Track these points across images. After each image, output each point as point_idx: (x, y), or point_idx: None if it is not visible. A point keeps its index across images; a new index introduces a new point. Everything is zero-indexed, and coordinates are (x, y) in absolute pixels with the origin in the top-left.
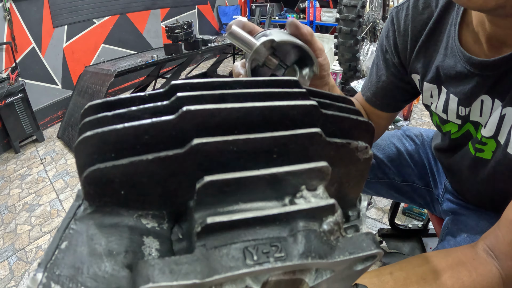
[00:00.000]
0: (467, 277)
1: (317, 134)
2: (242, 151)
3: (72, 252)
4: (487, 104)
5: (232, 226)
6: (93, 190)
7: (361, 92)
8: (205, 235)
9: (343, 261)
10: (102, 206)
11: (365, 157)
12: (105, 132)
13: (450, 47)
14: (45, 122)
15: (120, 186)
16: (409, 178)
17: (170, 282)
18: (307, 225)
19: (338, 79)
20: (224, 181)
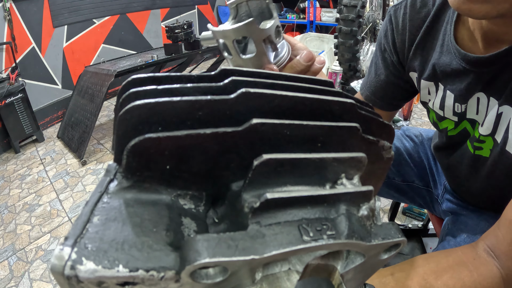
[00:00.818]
0: (468, 277)
1: (356, 128)
2: (293, 135)
3: (106, 227)
4: (483, 102)
5: (287, 204)
6: (137, 162)
7: (359, 91)
8: (260, 212)
9: (377, 245)
10: (141, 181)
11: (388, 157)
12: (159, 103)
13: (446, 44)
14: (45, 122)
15: (169, 159)
16: (409, 178)
17: (228, 257)
18: (349, 209)
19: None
20: (281, 160)
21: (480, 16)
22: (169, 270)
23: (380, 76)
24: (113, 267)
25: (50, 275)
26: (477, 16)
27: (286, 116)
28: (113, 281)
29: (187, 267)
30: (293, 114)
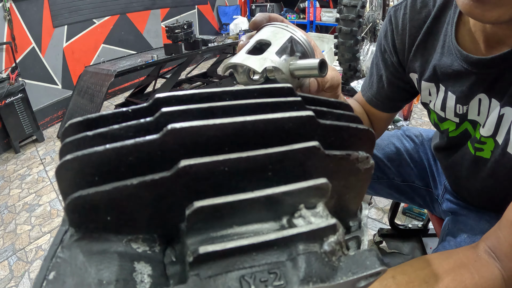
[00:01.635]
0: (469, 280)
1: (314, 148)
2: (234, 171)
3: (60, 284)
4: (484, 103)
5: (226, 255)
6: (78, 218)
7: (360, 92)
8: (198, 264)
9: (346, 282)
10: (90, 232)
11: (366, 167)
12: (86, 155)
13: (447, 45)
14: (45, 122)
15: (106, 212)
16: (409, 178)
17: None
18: (307, 247)
19: None
20: (215, 206)
21: (492, 21)
22: None
23: (381, 77)
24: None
25: None
26: (489, 21)
27: (228, 146)
28: None
29: None
30: (236, 142)
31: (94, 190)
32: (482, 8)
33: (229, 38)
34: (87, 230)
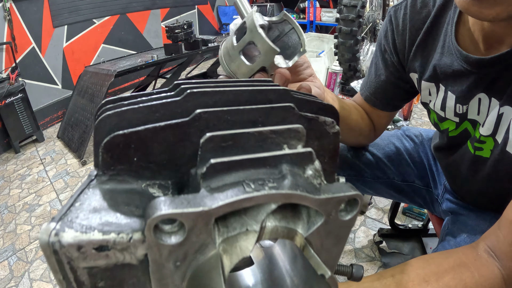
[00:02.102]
0: (469, 278)
1: (290, 106)
2: (234, 120)
3: (86, 207)
4: (484, 103)
5: (231, 167)
6: (110, 157)
7: (359, 91)
8: (209, 176)
9: (328, 199)
10: (115, 175)
11: (333, 131)
12: (123, 110)
13: (447, 45)
14: (45, 122)
15: (135, 152)
16: (409, 177)
17: (181, 209)
18: (293, 169)
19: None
20: (222, 135)
21: (489, 19)
22: (136, 231)
23: (380, 77)
24: (89, 232)
25: (50, 275)
26: (486, 18)
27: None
28: (89, 245)
29: (148, 221)
30: (237, 103)
31: (129, 130)
32: (479, 5)
33: None
34: (114, 173)
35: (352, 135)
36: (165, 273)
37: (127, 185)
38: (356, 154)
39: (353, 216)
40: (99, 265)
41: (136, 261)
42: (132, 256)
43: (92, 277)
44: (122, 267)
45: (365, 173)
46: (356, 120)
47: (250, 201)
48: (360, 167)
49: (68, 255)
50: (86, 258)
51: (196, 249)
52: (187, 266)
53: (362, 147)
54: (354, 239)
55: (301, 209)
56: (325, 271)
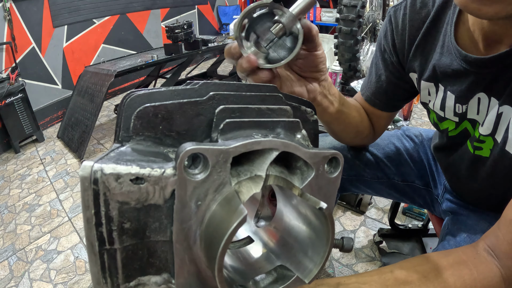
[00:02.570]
0: (468, 276)
1: (279, 96)
2: (238, 101)
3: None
4: (483, 102)
5: (241, 126)
6: (140, 124)
7: (360, 91)
8: (225, 132)
9: (316, 153)
10: (142, 140)
11: (312, 119)
12: (151, 91)
13: (446, 45)
14: (45, 122)
15: (161, 120)
16: (409, 178)
17: (208, 146)
18: (286, 132)
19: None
20: (232, 108)
21: (488, 17)
22: (168, 167)
23: (380, 77)
24: (128, 165)
25: (50, 275)
26: (485, 16)
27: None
28: (127, 176)
29: (181, 155)
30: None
31: (158, 103)
32: (479, 3)
33: (229, 38)
34: (141, 139)
35: (350, 134)
36: (187, 213)
37: (152, 149)
38: (356, 154)
39: (337, 174)
40: (131, 200)
41: (162, 201)
42: (161, 192)
43: (121, 215)
44: (149, 209)
45: (365, 173)
46: (354, 122)
47: (258, 144)
48: (360, 167)
49: (107, 185)
50: (122, 189)
51: (216, 187)
52: (206, 207)
53: (362, 147)
54: (354, 239)
55: (296, 166)
56: (322, 204)
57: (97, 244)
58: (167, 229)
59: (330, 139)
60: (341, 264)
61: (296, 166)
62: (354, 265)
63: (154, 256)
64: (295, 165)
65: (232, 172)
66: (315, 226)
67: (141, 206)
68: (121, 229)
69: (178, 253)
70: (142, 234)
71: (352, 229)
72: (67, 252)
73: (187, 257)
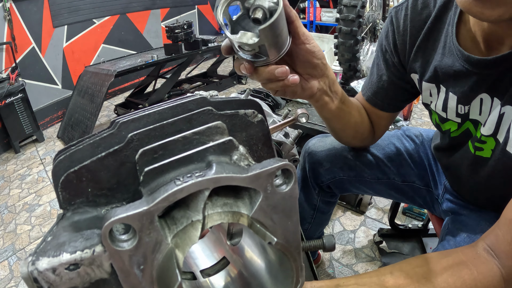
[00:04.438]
0: (468, 276)
1: (208, 109)
2: (162, 133)
3: (56, 240)
4: (486, 103)
5: (163, 170)
6: (68, 193)
7: (361, 92)
8: (147, 183)
9: (257, 174)
10: (77, 209)
11: (257, 120)
12: (72, 152)
13: (448, 46)
14: (45, 122)
15: (88, 183)
16: (409, 178)
17: (125, 214)
18: (218, 158)
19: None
20: (152, 148)
21: (491, 20)
22: (97, 245)
23: (381, 77)
24: (59, 255)
25: None
26: (488, 19)
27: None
28: (62, 266)
29: (102, 231)
30: (161, 121)
31: (78, 166)
32: (481, 6)
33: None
34: (74, 207)
35: (347, 135)
36: (134, 280)
37: (89, 215)
38: (356, 155)
39: (291, 186)
40: (76, 284)
41: (106, 274)
42: (101, 269)
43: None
44: (98, 285)
45: (365, 174)
46: (354, 121)
47: (181, 192)
48: (361, 168)
49: (46, 280)
50: (62, 279)
51: (152, 249)
52: (151, 268)
53: (363, 148)
54: (354, 239)
55: (243, 192)
56: (271, 239)
57: None
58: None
59: (330, 139)
60: (341, 264)
61: (242, 189)
62: (354, 265)
63: None
64: (241, 188)
65: (168, 222)
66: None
67: (88, 285)
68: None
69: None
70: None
71: (352, 229)
72: None
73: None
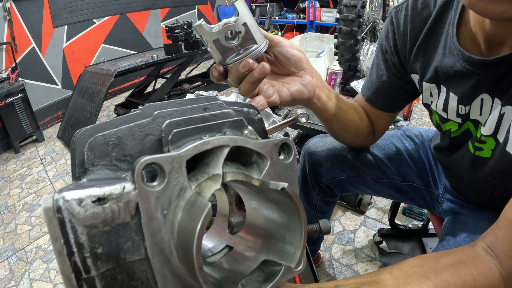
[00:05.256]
0: (468, 275)
1: (220, 102)
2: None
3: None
4: (487, 103)
5: (188, 133)
6: (94, 154)
7: (361, 91)
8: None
9: (266, 142)
10: (99, 170)
11: (257, 118)
12: (98, 124)
13: (448, 46)
14: (45, 122)
15: (113, 147)
16: (409, 178)
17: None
18: (233, 131)
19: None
20: (177, 121)
21: (495, 16)
22: (127, 183)
23: (381, 77)
24: (87, 188)
25: (50, 275)
26: (492, 15)
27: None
28: (89, 198)
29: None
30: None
31: (107, 131)
32: (486, 1)
33: None
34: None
35: (349, 135)
36: (156, 225)
37: (110, 176)
38: (356, 155)
39: (292, 159)
40: (98, 222)
41: (129, 217)
42: (126, 210)
43: (91, 240)
44: (117, 229)
45: (365, 174)
46: (353, 120)
47: (208, 144)
48: (361, 168)
49: (71, 211)
50: (86, 212)
51: (177, 194)
52: (173, 215)
53: (363, 148)
54: (354, 239)
55: (251, 162)
56: (283, 184)
57: (74, 276)
58: (141, 246)
59: (330, 139)
60: (341, 264)
61: (251, 162)
62: (354, 265)
63: (134, 279)
64: (250, 161)
65: (190, 178)
66: (284, 211)
67: (109, 228)
68: (95, 254)
69: (158, 269)
70: (117, 257)
71: (352, 229)
72: None
73: (168, 272)
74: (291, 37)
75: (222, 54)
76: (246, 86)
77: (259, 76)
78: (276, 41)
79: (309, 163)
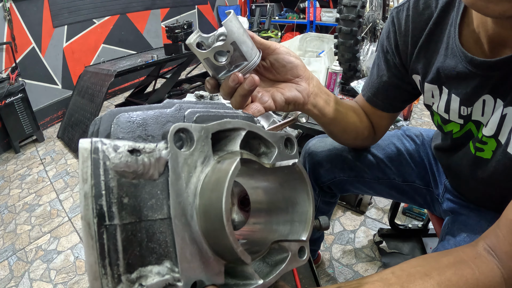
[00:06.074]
0: (470, 275)
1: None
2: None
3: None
4: (489, 104)
5: (209, 118)
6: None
7: (361, 92)
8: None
9: (274, 133)
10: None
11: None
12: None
13: (450, 47)
14: (45, 122)
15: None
16: (409, 178)
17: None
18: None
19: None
20: (198, 109)
21: (495, 15)
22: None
23: (382, 78)
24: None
25: (50, 275)
26: (492, 14)
27: None
28: (125, 147)
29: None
30: None
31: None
32: (486, 1)
33: None
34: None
35: (349, 137)
36: (181, 186)
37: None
38: (356, 155)
39: (295, 152)
40: (128, 172)
41: (157, 174)
42: (155, 166)
43: (120, 188)
44: (145, 185)
45: (365, 174)
46: (352, 122)
47: (229, 123)
48: (361, 168)
49: (107, 154)
50: (121, 159)
51: (202, 160)
52: (197, 179)
53: (363, 148)
54: (354, 239)
55: (260, 153)
56: (294, 160)
57: (96, 221)
58: (164, 206)
59: (330, 140)
60: (341, 264)
61: (260, 153)
62: (354, 265)
63: (153, 240)
64: (259, 152)
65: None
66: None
67: (137, 182)
68: (121, 203)
69: (178, 231)
70: (140, 213)
71: (352, 229)
72: (67, 252)
73: (187, 235)
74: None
75: (214, 70)
76: (238, 100)
77: (249, 88)
78: (273, 48)
79: (309, 163)
